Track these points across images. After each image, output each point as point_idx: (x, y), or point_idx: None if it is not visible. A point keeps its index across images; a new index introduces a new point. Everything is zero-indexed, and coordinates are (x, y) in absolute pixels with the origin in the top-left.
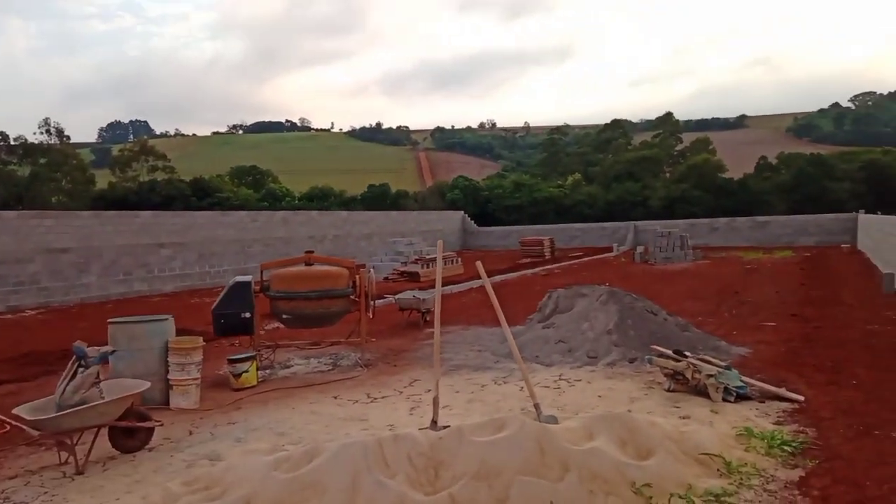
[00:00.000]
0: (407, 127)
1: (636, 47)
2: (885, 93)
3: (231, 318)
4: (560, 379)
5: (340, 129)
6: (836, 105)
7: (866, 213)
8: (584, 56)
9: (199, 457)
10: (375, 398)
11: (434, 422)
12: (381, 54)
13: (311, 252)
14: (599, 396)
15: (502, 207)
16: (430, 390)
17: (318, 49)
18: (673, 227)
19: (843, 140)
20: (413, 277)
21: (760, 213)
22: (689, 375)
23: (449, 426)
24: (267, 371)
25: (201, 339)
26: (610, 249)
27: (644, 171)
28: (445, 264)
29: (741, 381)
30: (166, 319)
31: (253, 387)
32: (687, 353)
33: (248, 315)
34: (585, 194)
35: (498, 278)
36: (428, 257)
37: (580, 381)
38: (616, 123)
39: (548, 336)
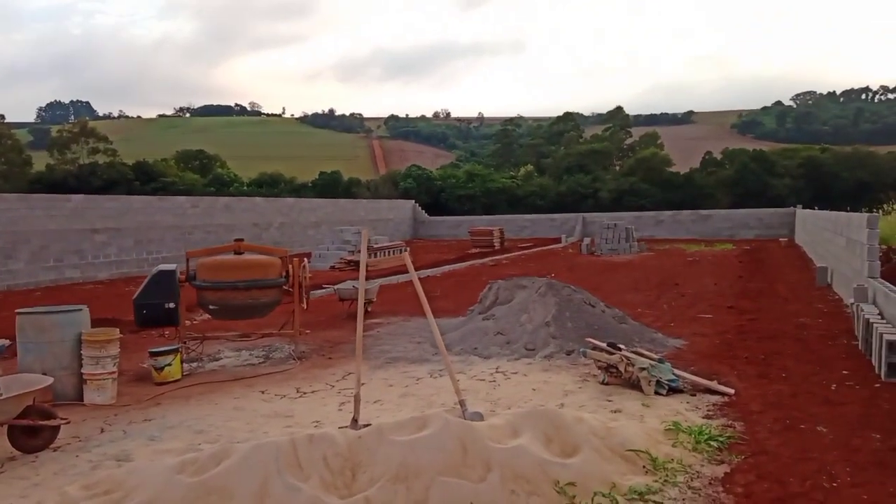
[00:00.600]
0: (360, 114)
1: (589, 42)
2: (825, 93)
3: (154, 308)
4: (497, 372)
5: (292, 115)
6: (778, 103)
7: (804, 208)
8: (538, 49)
9: (106, 457)
10: (305, 393)
11: (355, 420)
12: (335, 40)
13: (241, 240)
14: (534, 390)
15: (455, 197)
16: (363, 384)
17: (270, 32)
18: (619, 220)
19: (785, 137)
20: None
21: (705, 206)
22: (622, 368)
23: (369, 425)
24: (193, 364)
25: (117, 331)
26: (559, 240)
27: (595, 163)
28: (393, 254)
29: (673, 374)
30: (80, 310)
31: (176, 381)
32: (621, 346)
33: (172, 305)
34: (537, 185)
35: (446, 268)
36: (376, 246)
37: (517, 373)
38: (568, 116)
39: (487, 328)
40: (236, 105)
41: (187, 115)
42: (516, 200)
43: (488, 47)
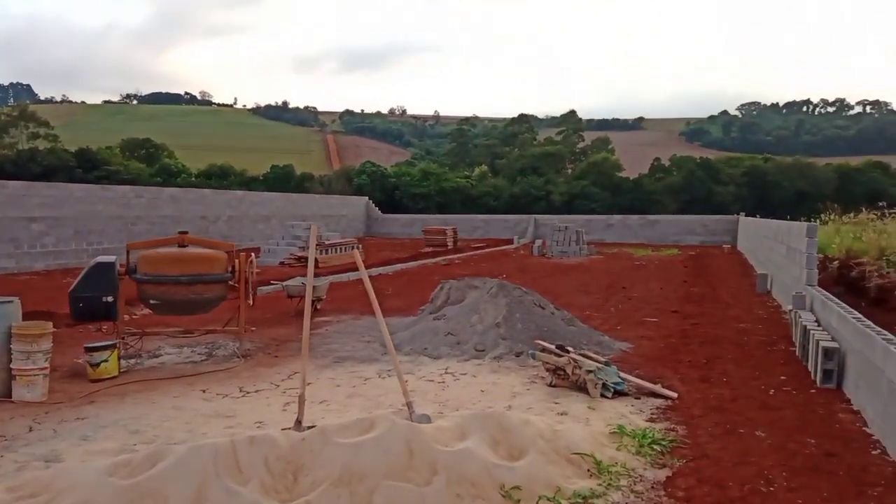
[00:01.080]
0: (315, 108)
1: (544, 45)
2: (768, 104)
3: (91, 301)
4: (446, 373)
5: (244, 106)
6: (724, 113)
7: (746, 215)
8: (495, 50)
9: (34, 458)
10: (248, 392)
11: (298, 421)
12: (292, 31)
13: (186, 233)
14: (482, 391)
15: (410, 195)
16: (309, 383)
17: (225, 20)
18: (571, 222)
19: (730, 146)
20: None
21: (653, 211)
22: (569, 371)
23: (314, 426)
24: (132, 361)
25: (50, 324)
26: (511, 241)
27: (548, 166)
28: (345, 250)
29: (619, 377)
30: (10, 302)
31: (113, 378)
32: (569, 349)
33: (110, 299)
34: (491, 186)
35: (398, 266)
36: (328, 242)
37: (465, 374)
38: (523, 118)
39: (438, 328)
40: (186, 94)
41: (134, 101)
42: (470, 200)
43: (446, 46)
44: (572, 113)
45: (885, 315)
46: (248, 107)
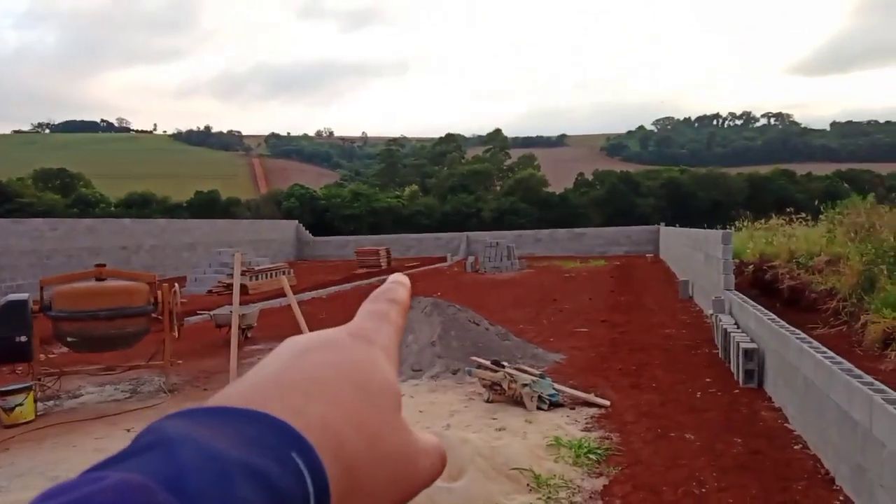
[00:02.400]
0: (239, 132)
1: (469, 66)
2: (682, 118)
3: (2, 342)
4: None
5: (165, 132)
6: (641, 128)
7: (666, 225)
8: (420, 71)
9: None
10: None
11: None
12: (214, 55)
13: (103, 265)
14: (420, 412)
15: (341, 217)
16: None
17: (145, 46)
18: (502, 238)
19: (648, 159)
20: (241, 290)
21: (579, 225)
22: (506, 385)
23: None
24: (49, 403)
25: None
26: (444, 259)
27: (477, 183)
28: (276, 276)
29: (554, 388)
30: None
31: (29, 422)
32: (504, 363)
33: (23, 339)
34: (422, 205)
35: (332, 289)
36: (257, 269)
37: (403, 395)
38: (450, 137)
39: None
40: (103, 121)
41: (47, 130)
42: (402, 220)
43: (372, 67)
44: (498, 131)
45: (798, 314)
46: (169, 133)
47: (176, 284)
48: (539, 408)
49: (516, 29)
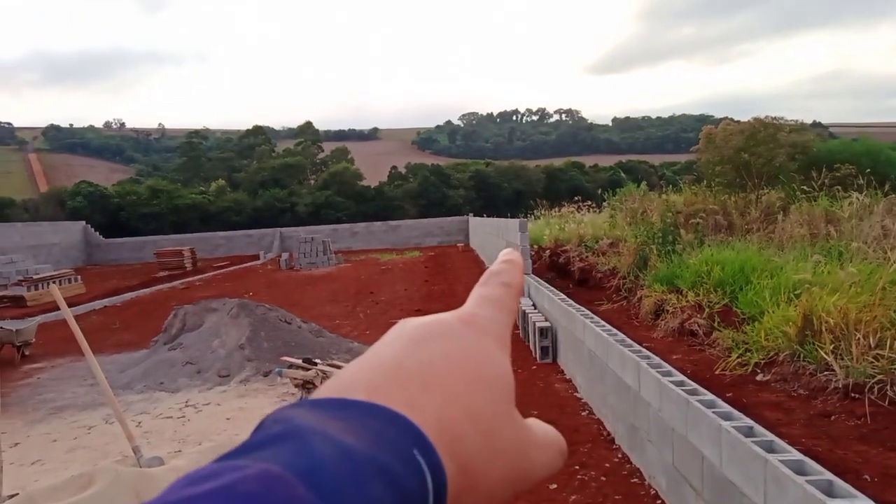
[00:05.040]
0: (10, 123)
1: (272, 55)
2: (485, 113)
3: None
4: (187, 405)
5: None
6: (449, 122)
7: (475, 215)
8: (221, 61)
9: None
10: None
11: None
12: None
13: None
14: (228, 419)
15: (138, 216)
16: (17, 443)
17: None
18: (317, 233)
19: (457, 153)
20: (17, 302)
21: (395, 217)
22: (318, 383)
23: (16, 494)
24: None
25: None
26: (257, 257)
27: (290, 177)
28: (61, 283)
29: None
30: None
31: None
32: (317, 361)
33: None
34: (231, 201)
35: (128, 296)
36: (37, 277)
37: (209, 404)
38: (258, 130)
39: (174, 358)
40: None
41: None
42: (209, 217)
43: (167, 56)
44: (308, 124)
45: (588, 293)
46: None
47: None
48: None
49: (326, 19)
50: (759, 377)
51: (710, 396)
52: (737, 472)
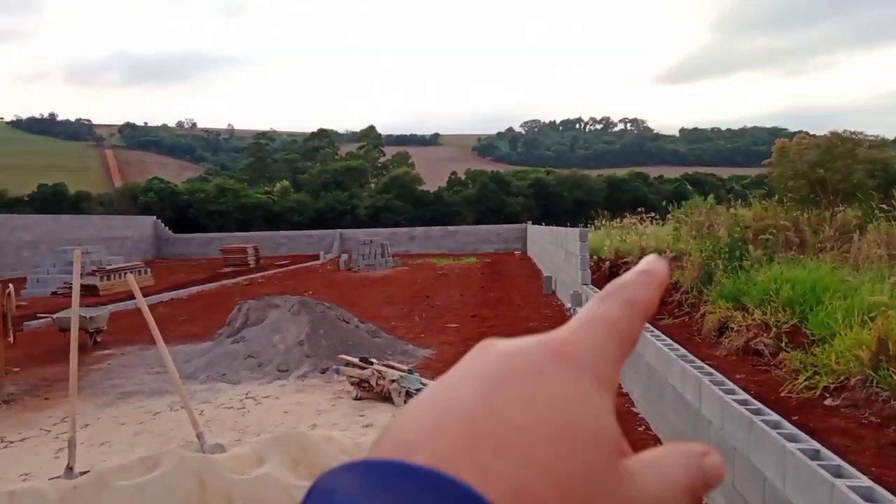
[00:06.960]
0: (89, 120)
1: (341, 60)
2: (547, 121)
3: None
4: (247, 397)
5: (2, 119)
6: (510, 129)
7: (533, 224)
8: (290, 65)
9: None
10: (12, 442)
11: (69, 468)
12: (66, 39)
13: None
14: (286, 413)
15: (206, 213)
16: (88, 425)
17: None
18: (376, 236)
19: (517, 160)
20: (91, 291)
21: (453, 223)
22: (374, 382)
23: (88, 472)
24: None
25: None
26: (317, 257)
27: (351, 180)
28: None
29: (421, 383)
30: None
31: None
32: (373, 360)
33: None
34: (294, 201)
35: (194, 289)
36: (109, 268)
37: (268, 397)
38: (323, 132)
39: (237, 351)
40: None
41: None
42: (273, 216)
43: (239, 59)
44: (371, 128)
45: None
46: (7, 120)
47: (11, 286)
48: (407, 403)
49: (392, 25)
50: (827, 402)
51: (775, 417)
52: (800, 496)
